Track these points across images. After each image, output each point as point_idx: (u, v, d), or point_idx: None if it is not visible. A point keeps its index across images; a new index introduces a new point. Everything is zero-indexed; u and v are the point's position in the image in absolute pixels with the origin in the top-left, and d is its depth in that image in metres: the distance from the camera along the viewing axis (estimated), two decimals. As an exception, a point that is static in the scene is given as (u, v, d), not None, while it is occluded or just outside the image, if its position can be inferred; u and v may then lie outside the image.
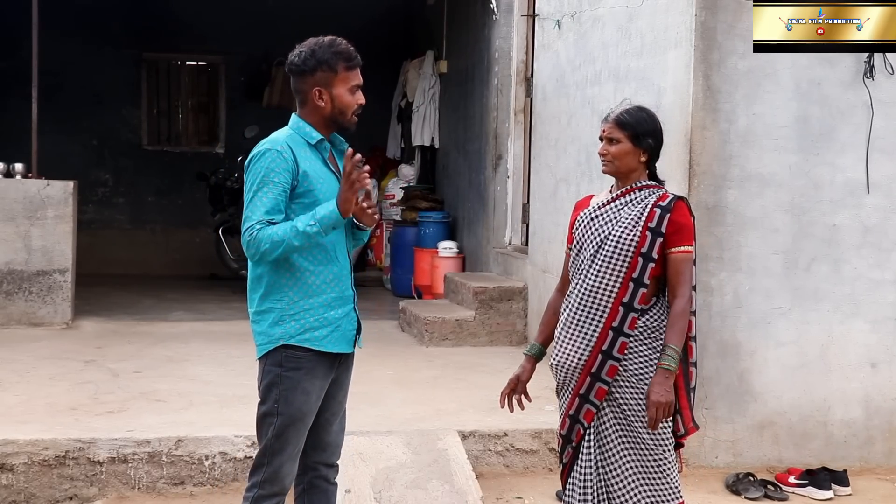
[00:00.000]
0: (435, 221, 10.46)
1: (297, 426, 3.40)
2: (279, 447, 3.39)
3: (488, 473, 5.28)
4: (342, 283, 3.44)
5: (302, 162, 3.34)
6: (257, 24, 12.72)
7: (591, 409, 3.55)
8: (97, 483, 4.93)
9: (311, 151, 3.40)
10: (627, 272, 3.50)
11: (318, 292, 3.38)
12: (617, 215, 3.56)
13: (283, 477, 3.42)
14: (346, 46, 3.39)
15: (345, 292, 3.45)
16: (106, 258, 12.22)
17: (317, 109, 3.40)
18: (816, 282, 5.53)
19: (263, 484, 3.41)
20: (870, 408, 5.62)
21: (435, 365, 7.15)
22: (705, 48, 5.31)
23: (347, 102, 3.38)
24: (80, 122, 12.66)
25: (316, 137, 3.40)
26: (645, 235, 3.50)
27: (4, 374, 6.50)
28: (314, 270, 3.37)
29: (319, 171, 3.38)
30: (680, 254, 3.51)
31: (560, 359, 3.62)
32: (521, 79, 8.92)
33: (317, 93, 3.38)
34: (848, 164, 5.52)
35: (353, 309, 3.49)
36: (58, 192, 8.30)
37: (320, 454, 3.56)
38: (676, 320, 3.48)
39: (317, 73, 3.36)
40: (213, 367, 6.96)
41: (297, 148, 3.36)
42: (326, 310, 3.39)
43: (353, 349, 3.52)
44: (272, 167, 3.30)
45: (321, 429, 3.53)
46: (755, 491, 5.15)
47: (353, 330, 3.49)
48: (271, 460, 3.40)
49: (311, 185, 3.34)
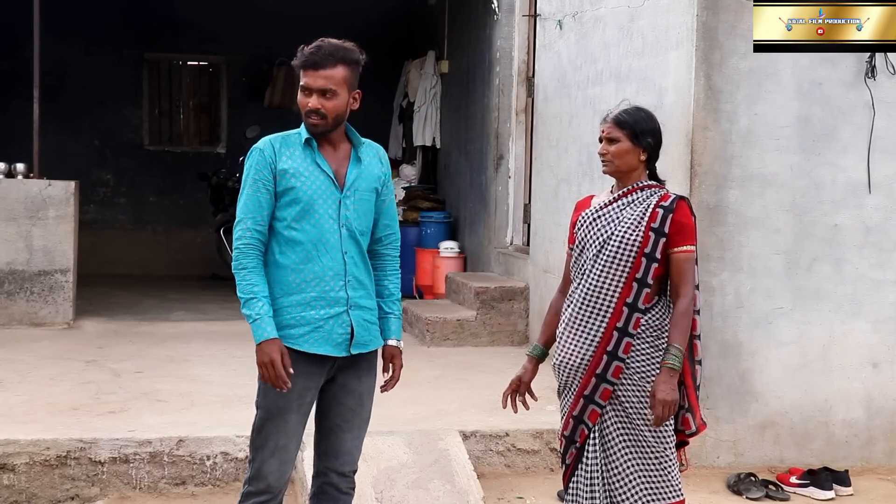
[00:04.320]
0: (436, 221, 10.45)
1: (275, 421, 3.38)
2: (260, 443, 3.39)
3: (490, 473, 5.28)
4: (327, 284, 3.38)
5: (283, 160, 3.36)
6: (259, 25, 12.72)
7: (596, 409, 3.55)
8: (98, 483, 4.93)
9: (304, 149, 3.40)
10: (631, 272, 3.51)
11: (296, 290, 3.37)
12: (619, 216, 3.57)
13: (266, 475, 3.39)
14: (312, 48, 3.35)
15: (330, 293, 3.39)
16: (107, 258, 12.23)
17: None
18: (818, 282, 5.53)
19: (251, 481, 3.42)
20: (871, 408, 5.62)
21: (436, 365, 7.15)
22: (707, 48, 5.31)
23: (301, 104, 3.37)
24: (81, 123, 12.67)
25: (304, 136, 3.40)
26: (648, 235, 3.51)
27: (6, 374, 6.50)
28: (293, 269, 3.37)
29: (303, 169, 3.37)
30: (683, 253, 3.52)
31: (562, 358, 3.62)
32: (523, 79, 8.92)
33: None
34: (849, 164, 5.52)
35: (345, 312, 3.41)
36: (59, 192, 8.30)
37: (331, 461, 3.53)
38: (680, 319, 3.48)
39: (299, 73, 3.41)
40: (214, 368, 6.96)
41: (285, 146, 3.39)
42: (305, 308, 3.37)
43: (344, 353, 3.42)
44: (252, 165, 3.38)
45: (331, 434, 3.51)
46: (756, 491, 5.15)
47: (343, 334, 3.41)
48: (254, 456, 3.42)
49: (289, 183, 3.35)
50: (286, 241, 3.38)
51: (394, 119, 12.62)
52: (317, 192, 3.36)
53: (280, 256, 3.39)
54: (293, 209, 3.36)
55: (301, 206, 3.36)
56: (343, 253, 3.42)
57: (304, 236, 3.37)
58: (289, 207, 3.36)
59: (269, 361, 3.28)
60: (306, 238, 3.37)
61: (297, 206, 3.36)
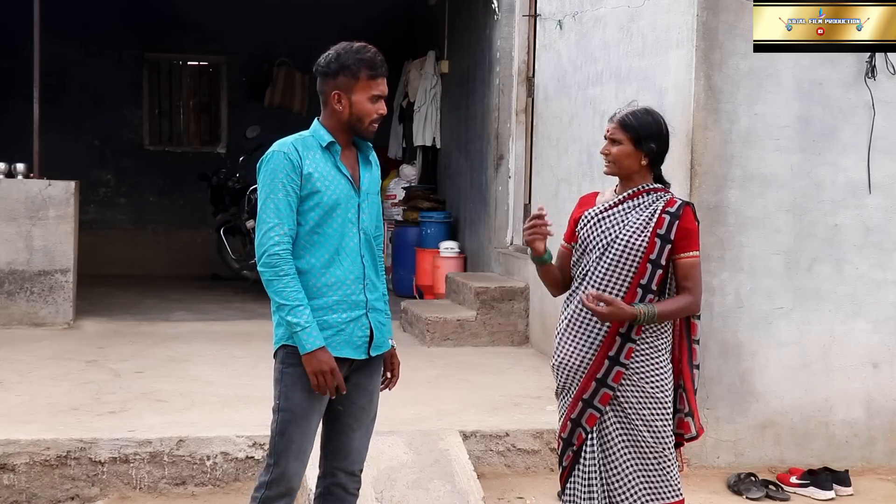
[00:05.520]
0: (436, 221, 10.45)
1: (299, 423, 3.39)
2: (283, 446, 3.39)
3: (490, 473, 5.28)
4: (348, 288, 3.41)
5: (307, 164, 3.34)
6: (259, 25, 12.72)
7: (595, 413, 3.54)
8: (99, 483, 4.93)
9: (322, 153, 3.39)
10: (635, 278, 3.49)
11: (318, 294, 3.36)
12: (624, 219, 3.55)
13: (290, 477, 3.40)
14: (374, 55, 3.38)
15: (352, 297, 3.41)
16: (107, 258, 12.22)
17: (335, 113, 3.40)
18: (818, 282, 5.53)
19: (271, 484, 3.40)
20: (871, 408, 5.62)
21: (436, 365, 7.15)
22: (707, 48, 5.31)
23: (366, 111, 3.38)
24: (81, 123, 12.66)
25: (327, 140, 3.39)
26: (654, 242, 3.49)
27: (6, 374, 6.50)
28: (315, 273, 3.36)
29: (326, 173, 3.37)
30: (690, 259, 3.51)
31: (561, 359, 3.61)
32: (523, 79, 8.92)
33: (336, 96, 3.37)
34: (849, 164, 5.52)
35: (364, 315, 3.44)
36: (59, 192, 8.30)
37: (341, 460, 3.53)
38: (678, 301, 3.50)
39: (339, 77, 3.36)
40: (214, 368, 6.96)
41: (305, 150, 3.37)
42: (327, 312, 3.37)
43: (363, 356, 3.45)
44: (278, 168, 3.32)
45: (342, 434, 3.51)
46: (757, 491, 5.15)
47: (363, 336, 3.44)
48: (278, 460, 3.40)
49: (315, 187, 3.35)
50: (307, 245, 3.37)
51: (394, 119, 12.61)
52: (340, 197, 3.38)
53: (299, 261, 3.36)
54: (316, 213, 3.35)
55: (324, 211, 3.36)
56: (361, 256, 3.45)
57: (325, 240, 3.37)
58: (312, 212, 3.35)
59: (328, 370, 3.29)
60: (328, 242, 3.37)
61: (320, 210, 3.35)
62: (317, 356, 3.29)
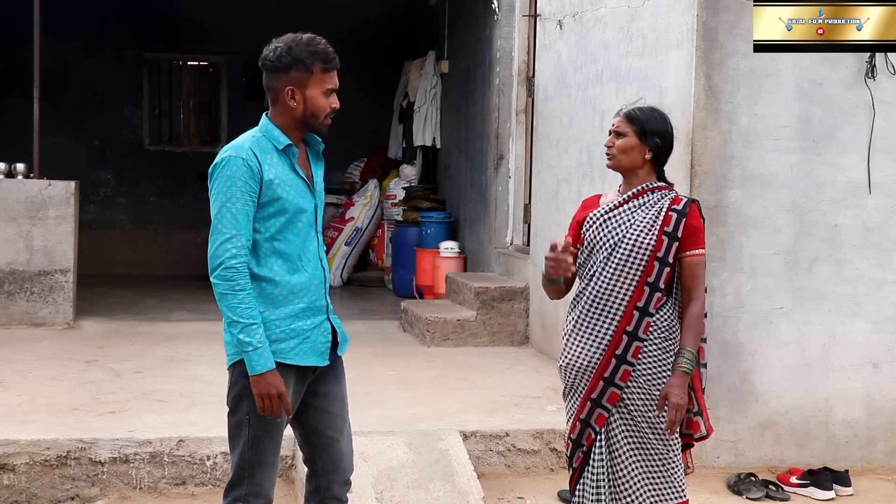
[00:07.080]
0: (436, 221, 10.46)
1: (273, 437, 3.31)
2: (257, 459, 3.30)
3: (490, 473, 5.28)
4: (311, 293, 3.29)
5: (267, 170, 3.18)
6: (259, 25, 12.60)
7: (604, 413, 3.54)
8: (99, 483, 4.93)
9: (279, 156, 3.24)
10: (643, 276, 3.49)
11: (284, 303, 3.24)
12: (630, 218, 3.54)
13: (267, 489, 3.34)
14: (325, 46, 3.22)
15: (315, 302, 3.30)
16: (107, 258, 12.23)
17: (287, 110, 3.24)
18: (818, 282, 5.53)
19: (248, 497, 3.31)
20: (871, 408, 5.62)
21: (436, 365, 7.15)
22: (707, 48, 5.31)
23: (321, 105, 3.22)
24: (81, 123, 12.67)
25: (283, 143, 3.24)
26: (661, 240, 3.49)
27: (6, 375, 6.50)
28: (278, 282, 3.23)
29: (285, 178, 3.23)
30: (695, 257, 3.51)
31: (569, 359, 3.60)
32: (523, 79, 8.92)
33: (289, 92, 3.21)
34: (849, 164, 5.52)
35: (326, 319, 3.34)
36: (59, 192, 8.30)
37: (332, 473, 3.46)
38: (693, 322, 3.48)
39: (291, 71, 3.19)
40: (214, 368, 6.93)
41: (263, 154, 3.20)
42: (293, 321, 3.26)
43: (326, 362, 3.34)
44: (236, 175, 3.16)
45: (329, 448, 3.44)
46: (757, 491, 5.15)
47: (326, 342, 3.33)
48: (252, 472, 3.30)
49: (276, 194, 3.18)
50: (270, 253, 3.23)
51: (394, 119, 12.62)
52: (301, 201, 3.26)
53: (261, 269, 3.22)
54: (278, 220, 3.22)
55: (287, 217, 3.23)
56: (320, 259, 3.36)
57: (289, 247, 3.24)
58: (273, 219, 3.21)
59: (276, 393, 3.16)
60: (291, 249, 3.24)
61: (283, 216, 3.22)
62: (266, 378, 3.15)
